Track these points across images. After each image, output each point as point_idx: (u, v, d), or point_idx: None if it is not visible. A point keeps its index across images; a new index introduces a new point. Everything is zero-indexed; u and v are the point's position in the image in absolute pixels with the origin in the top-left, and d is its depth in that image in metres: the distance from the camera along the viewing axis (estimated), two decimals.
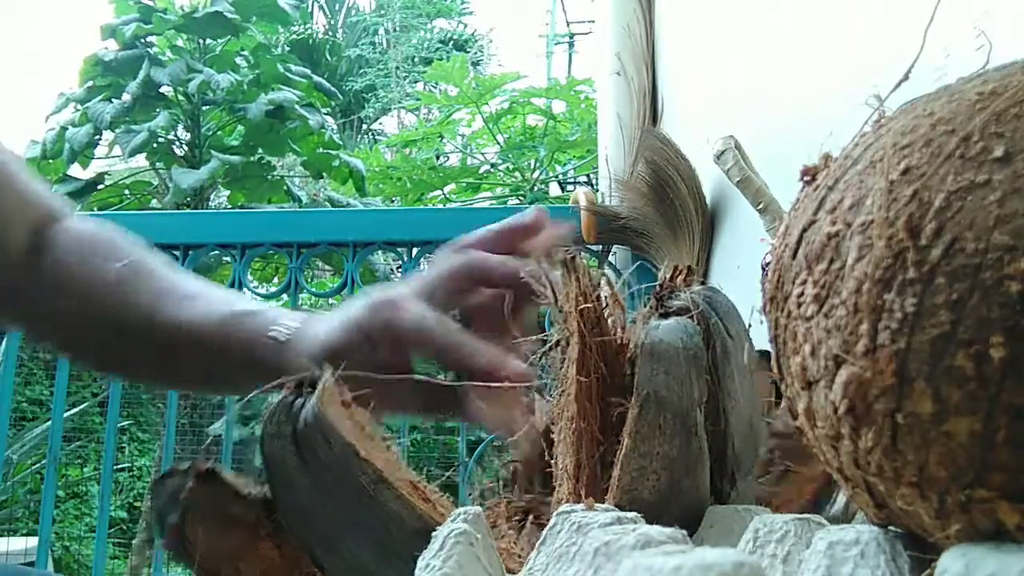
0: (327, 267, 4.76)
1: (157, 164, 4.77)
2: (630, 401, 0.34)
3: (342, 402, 0.35)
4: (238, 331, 0.55)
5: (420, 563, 0.28)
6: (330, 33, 9.86)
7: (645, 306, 0.37)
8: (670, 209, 1.46)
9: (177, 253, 1.41)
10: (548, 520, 0.31)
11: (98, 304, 0.58)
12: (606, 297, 0.36)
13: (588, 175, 3.68)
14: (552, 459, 0.37)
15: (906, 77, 0.25)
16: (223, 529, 0.35)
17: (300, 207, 4.53)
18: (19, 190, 0.60)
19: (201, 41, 4.72)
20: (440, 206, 3.62)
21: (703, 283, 0.37)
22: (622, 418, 0.34)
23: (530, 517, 0.41)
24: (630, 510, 0.29)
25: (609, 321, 0.36)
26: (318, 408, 0.33)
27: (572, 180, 3.93)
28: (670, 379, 0.33)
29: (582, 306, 0.35)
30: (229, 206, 4.95)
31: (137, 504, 5.79)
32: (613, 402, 0.35)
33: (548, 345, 0.37)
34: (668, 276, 0.37)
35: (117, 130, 4.41)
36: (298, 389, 0.34)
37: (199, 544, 0.35)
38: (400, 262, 1.51)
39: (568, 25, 8.22)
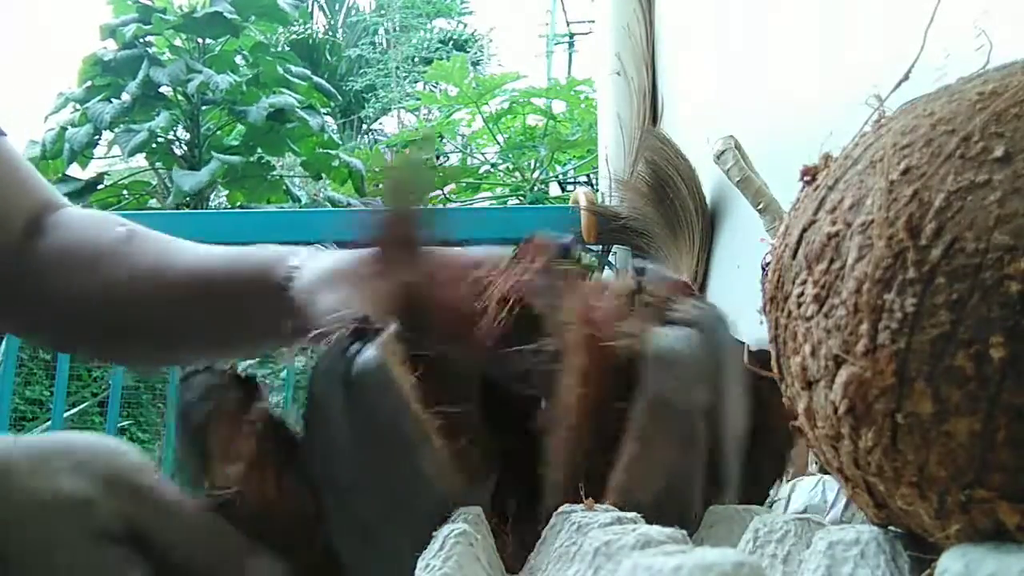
0: None
1: (157, 164, 4.77)
2: (626, 406, 0.34)
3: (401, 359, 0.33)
4: (252, 261, 0.53)
5: (420, 563, 0.28)
6: (330, 33, 9.86)
7: (636, 306, 0.36)
8: (670, 209, 1.46)
9: None
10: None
11: (104, 268, 0.56)
12: (604, 307, 0.36)
13: (588, 175, 3.67)
14: (544, 464, 0.36)
15: (906, 77, 0.25)
16: (241, 443, 0.34)
17: (300, 207, 4.53)
18: (16, 178, 0.60)
19: (200, 41, 4.72)
20: (440, 206, 3.62)
21: (697, 294, 0.37)
22: (619, 426, 0.34)
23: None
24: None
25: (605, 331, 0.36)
26: (382, 357, 0.32)
27: (572, 180, 3.92)
28: (678, 385, 0.33)
29: (585, 329, 0.34)
30: (229, 206, 4.94)
31: None
32: (608, 410, 0.35)
33: (541, 350, 0.37)
34: (666, 287, 0.37)
35: (116, 130, 4.41)
36: (356, 332, 0.33)
37: (215, 451, 0.34)
38: None
39: (568, 25, 8.21)
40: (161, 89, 4.55)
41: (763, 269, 0.26)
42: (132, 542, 0.34)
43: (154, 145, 4.45)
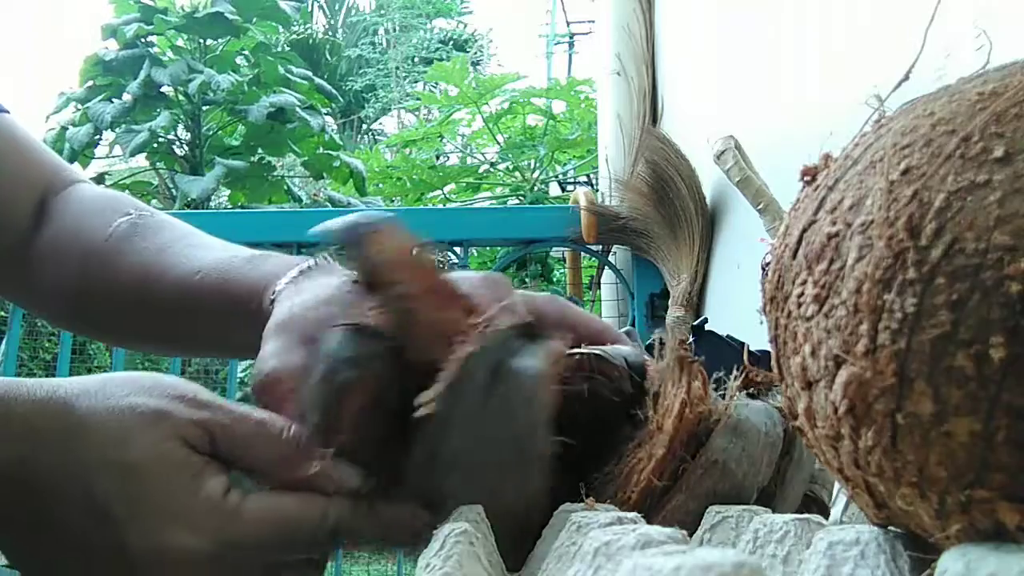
0: None
1: (158, 164, 4.78)
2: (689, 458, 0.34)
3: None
4: (243, 284, 0.49)
5: (420, 562, 0.28)
6: (330, 33, 9.86)
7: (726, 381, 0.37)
8: (670, 209, 1.46)
9: None
10: None
11: (94, 268, 0.55)
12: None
13: (588, 175, 3.68)
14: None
15: (906, 77, 0.25)
16: (376, 435, 0.34)
17: (301, 207, 4.53)
18: (22, 156, 0.58)
19: (202, 41, 4.73)
20: (440, 206, 3.62)
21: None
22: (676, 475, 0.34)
23: None
24: None
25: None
26: (545, 370, 0.32)
27: (572, 180, 3.92)
28: (743, 456, 0.34)
29: (685, 420, 0.34)
30: (229, 206, 4.95)
31: None
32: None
33: (628, 412, 0.37)
34: (751, 375, 0.38)
35: (118, 130, 4.42)
36: (526, 329, 0.33)
37: (346, 427, 0.34)
38: None
39: (568, 25, 8.21)
40: (162, 89, 4.56)
41: (763, 269, 0.26)
42: (210, 453, 0.34)
43: (155, 145, 4.45)
